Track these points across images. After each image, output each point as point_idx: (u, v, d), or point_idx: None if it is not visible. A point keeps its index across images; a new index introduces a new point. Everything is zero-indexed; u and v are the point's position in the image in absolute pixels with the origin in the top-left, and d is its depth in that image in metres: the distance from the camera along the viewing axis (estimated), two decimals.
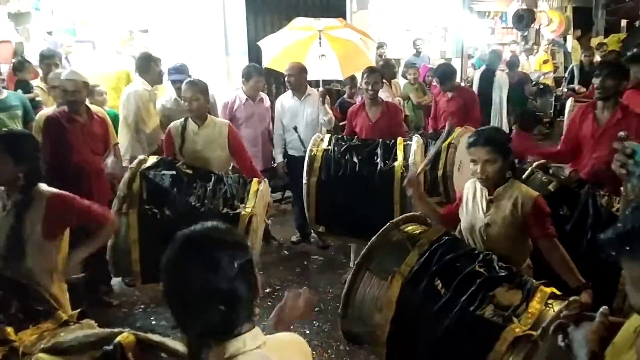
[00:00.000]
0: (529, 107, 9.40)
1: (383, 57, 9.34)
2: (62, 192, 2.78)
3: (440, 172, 4.86)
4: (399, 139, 4.43)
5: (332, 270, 5.25)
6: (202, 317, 1.34)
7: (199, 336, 1.35)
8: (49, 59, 5.67)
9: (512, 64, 9.49)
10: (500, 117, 8.01)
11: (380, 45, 10.03)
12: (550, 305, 2.33)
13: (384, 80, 6.58)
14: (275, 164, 5.83)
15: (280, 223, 6.39)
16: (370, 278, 2.69)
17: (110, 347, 1.59)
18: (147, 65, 5.16)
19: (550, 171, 3.90)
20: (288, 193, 6.94)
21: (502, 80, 8.12)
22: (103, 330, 1.73)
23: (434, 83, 8.04)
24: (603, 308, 1.62)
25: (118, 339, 1.61)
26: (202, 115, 4.20)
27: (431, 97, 7.56)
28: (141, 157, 3.78)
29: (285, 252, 5.76)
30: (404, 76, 8.55)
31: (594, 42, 13.09)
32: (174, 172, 3.64)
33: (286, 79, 5.52)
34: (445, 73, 6.28)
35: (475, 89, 8.03)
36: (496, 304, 2.39)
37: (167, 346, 1.65)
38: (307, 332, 4.19)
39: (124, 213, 3.43)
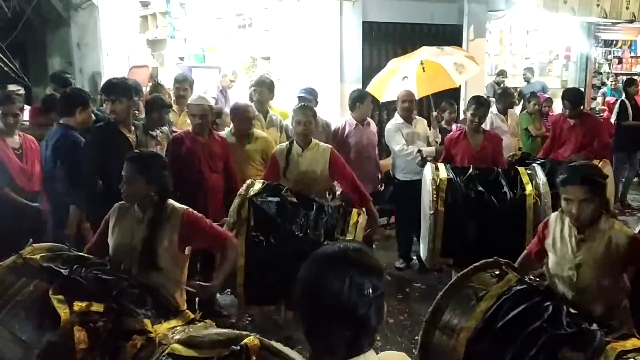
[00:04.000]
0: None
1: (502, 85, 9.16)
2: (193, 211, 3.02)
3: None
4: (521, 169, 4.37)
5: (434, 299, 5.19)
6: (330, 336, 1.38)
7: (321, 354, 1.40)
8: (180, 83, 6.13)
9: None
10: None
11: (500, 73, 9.85)
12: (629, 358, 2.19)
13: (497, 112, 6.50)
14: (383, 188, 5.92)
15: (384, 248, 6.42)
16: (440, 335, 2.66)
17: (237, 348, 1.69)
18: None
19: None
20: (393, 219, 6.97)
21: None
22: (232, 330, 1.85)
23: (551, 113, 7.79)
24: None
25: (245, 340, 1.71)
26: (308, 138, 4.35)
27: (547, 126, 7.33)
28: (249, 181, 3.93)
29: (388, 277, 5.78)
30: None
31: None
32: (279, 199, 3.75)
33: (402, 105, 5.59)
34: (577, 97, 5.96)
35: None
36: None
37: (288, 355, 1.73)
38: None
39: None
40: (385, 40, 8.03)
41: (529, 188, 4.10)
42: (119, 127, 4.17)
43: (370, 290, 1.38)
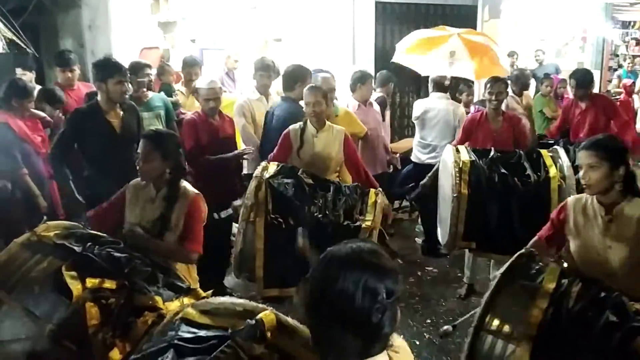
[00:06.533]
0: None
1: (515, 66, 9.05)
2: (201, 201, 3.05)
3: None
4: (543, 151, 4.27)
5: (447, 283, 5.19)
6: (341, 345, 1.32)
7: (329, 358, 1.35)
8: (190, 67, 6.10)
9: None
10: None
11: (510, 54, 9.72)
12: None
13: (512, 94, 6.42)
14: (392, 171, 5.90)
15: (395, 231, 6.40)
16: (494, 340, 2.32)
17: (253, 322, 1.63)
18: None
19: None
20: (404, 202, 6.93)
21: None
22: (249, 302, 1.80)
23: (566, 95, 7.68)
24: None
25: (261, 315, 1.65)
26: (322, 119, 4.24)
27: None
28: (263, 163, 3.88)
29: (400, 261, 5.76)
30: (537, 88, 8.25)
31: None
32: (296, 181, 3.70)
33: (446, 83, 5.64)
34: (585, 77, 5.78)
35: None
36: None
37: (303, 333, 1.67)
38: (418, 342, 4.19)
39: (251, 221, 3.54)
40: (398, 21, 7.94)
41: (553, 170, 3.98)
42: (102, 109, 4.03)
43: (385, 296, 1.32)
